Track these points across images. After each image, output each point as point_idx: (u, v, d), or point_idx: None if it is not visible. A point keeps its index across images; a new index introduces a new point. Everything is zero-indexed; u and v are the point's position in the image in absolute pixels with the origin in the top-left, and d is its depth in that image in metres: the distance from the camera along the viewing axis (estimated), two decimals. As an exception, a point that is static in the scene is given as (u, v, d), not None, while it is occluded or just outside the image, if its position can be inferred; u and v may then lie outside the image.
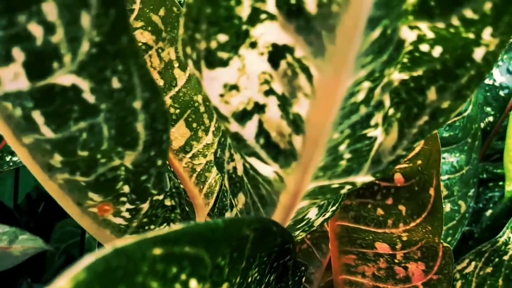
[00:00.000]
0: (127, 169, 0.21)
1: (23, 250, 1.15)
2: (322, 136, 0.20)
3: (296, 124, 0.21)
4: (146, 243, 0.13)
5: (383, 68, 0.18)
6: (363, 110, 0.20)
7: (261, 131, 0.21)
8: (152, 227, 0.29)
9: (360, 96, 0.19)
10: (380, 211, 0.32)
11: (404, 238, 0.33)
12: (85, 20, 0.15)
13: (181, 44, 0.19)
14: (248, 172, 0.26)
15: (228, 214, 0.34)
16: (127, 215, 0.26)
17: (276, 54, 0.19)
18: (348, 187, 0.24)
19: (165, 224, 0.29)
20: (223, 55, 0.19)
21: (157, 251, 0.14)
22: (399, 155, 0.22)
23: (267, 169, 0.23)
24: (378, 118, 0.20)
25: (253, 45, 0.19)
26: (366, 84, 0.19)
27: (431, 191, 0.29)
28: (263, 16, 0.18)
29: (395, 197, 0.31)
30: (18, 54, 0.17)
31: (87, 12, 0.15)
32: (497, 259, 0.47)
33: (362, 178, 0.23)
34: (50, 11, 0.16)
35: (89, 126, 0.19)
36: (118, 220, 0.27)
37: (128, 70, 0.17)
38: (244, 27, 0.18)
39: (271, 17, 0.18)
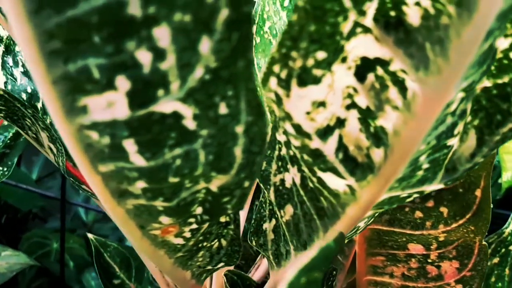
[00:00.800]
0: (210, 192, 0.20)
1: (8, 266, 1.10)
2: (412, 148, 0.19)
3: (378, 137, 0.20)
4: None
5: (480, 78, 0.18)
6: (449, 120, 0.19)
7: (340, 146, 0.21)
8: (205, 244, 0.28)
9: (453, 107, 0.19)
10: (418, 214, 0.32)
11: (441, 239, 0.32)
12: (205, 45, 0.14)
13: (269, 62, 0.18)
14: (306, 185, 0.25)
15: (266, 225, 0.33)
16: (188, 235, 0.25)
17: (365, 67, 0.19)
18: (415, 195, 0.23)
19: (216, 240, 0.28)
20: (318, 72, 0.18)
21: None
22: (476, 163, 0.21)
23: (339, 182, 0.22)
24: (460, 127, 0.20)
25: (344, 59, 0.18)
26: (460, 95, 0.18)
27: (477, 193, 0.29)
28: (358, 29, 0.17)
29: (436, 199, 0.31)
30: (122, 82, 0.16)
31: (209, 37, 0.14)
32: (503, 250, 0.48)
33: (434, 187, 0.22)
34: (162, 36, 0.15)
35: (185, 152, 0.18)
36: (177, 241, 0.26)
37: (238, 95, 0.16)
38: (342, 42, 0.17)
39: (366, 30, 0.18)
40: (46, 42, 0.15)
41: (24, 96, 0.37)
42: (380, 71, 0.18)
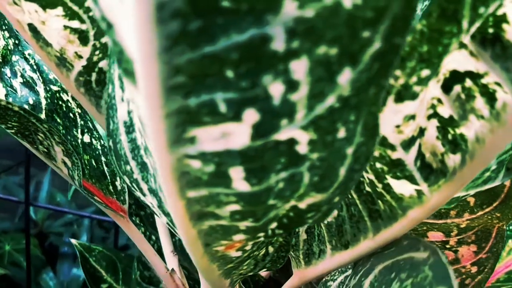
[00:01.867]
0: (296, 209, 0.20)
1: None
2: (494, 154, 0.20)
3: (456, 143, 0.21)
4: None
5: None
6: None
7: (419, 154, 0.21)
8: (255, 253, 0.28)
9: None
10: (443, 204, 0.33)
11: (463, 226, 0.34)
12: (344, 77, 0.14)
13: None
14: (361, 189, 0.26)
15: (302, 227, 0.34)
16: (248, 247, 0.25)
17: (453, 79, 0.19)
18: (471, 194, 0.24)
19: (264, 248, 0.28)
20: (417, 88, 0.18)
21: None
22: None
23: (409, 188, 0.23)
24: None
25: (437, 74, 0.19)
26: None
27: (507, 182, 0.31)
28: (455, 46, 0.18)
29: (463, 190, 0.32)
30: (251, 115, 0.15)
31: (351, 69, 0.14)
32: None
33: (492, 185, 0.24)
34: (299, 69, 0.15)
35: (290, 175, 0.18)
36: (236, 254, 0.26)
37: (359, 119, 0.16)
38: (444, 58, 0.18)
39: (461, 46, 0.18)
40: (171, 77, 0.15)
41: (26, 108, 0.35)
42: (468, 83, 0.19)
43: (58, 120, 0.36)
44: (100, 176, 0.39)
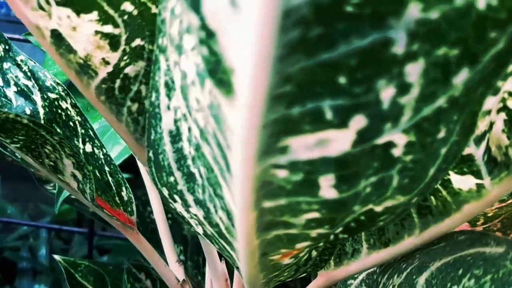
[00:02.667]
0: (371, 212, 0.21)
1: None
2: None
3: (522, 136, 0.22)
4: None
5: None
6: None
7: (487, 148, 0.22)
8: (301, 258, 0.28)
9: None
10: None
11: (490, 214, 0.35)
12: (461, 77, 0.15)
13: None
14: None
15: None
16: (302, 254, 0.26)
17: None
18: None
19: (308, 253, 0.29)
20: (500, 83, 0.19)
21: None
22: None
23: (471, 182, 0.24)
24: None
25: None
26: None
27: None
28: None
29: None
30: (358, 121, 0.16)
31: (469, 69, 0.15)
32: None
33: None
34: (413, 71, 0.15)
35: (379, 180, 0.18)
36: (289, 261, 0.26)
37: (459, 118, 0.16)
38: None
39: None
40: (279, 87, 0.15)
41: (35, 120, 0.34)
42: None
43: (58, 129, 0.35)
44: (105, 187, 0.38)
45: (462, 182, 0.24)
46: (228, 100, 0.16)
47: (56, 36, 0.24)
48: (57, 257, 0.58)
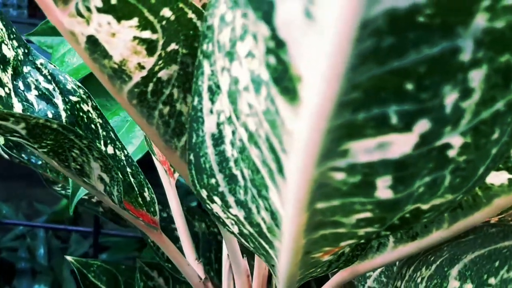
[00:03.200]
0: (417, 210, 0.21)
1: None
2: None
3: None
4: None
5: None
6: None
7: (524, 145, 0.23)
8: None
9: None
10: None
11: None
12: (522, 81, 0.16)
13: None
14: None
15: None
16: (341, 251, 0.26)
17: None
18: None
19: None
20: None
21: None
22: None
23: (503, 177, 0.25)
24: None
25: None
26: None
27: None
28: None
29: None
30: (422, 125, 0.16)
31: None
32: None
33: None
34: (476, 77, 0.16)
35: (432, 180, 0.19)
36: (328, 258, 0.27)
37: (513, 120, 0.17)
38: None
39: None
40: (347, 94, 0.15)
41: (65, 124, 0.34)
42: None
43: (80, 132, 0.36)
44: (128, 188, 0.38)
45: (495, 177, 0.24)
46: (291, 107, 0.17)
47: (93, 41, 0.25)
48: (69, 258, 0.58)
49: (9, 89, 0.34)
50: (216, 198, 0.26)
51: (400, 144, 0.17)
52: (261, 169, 0.22)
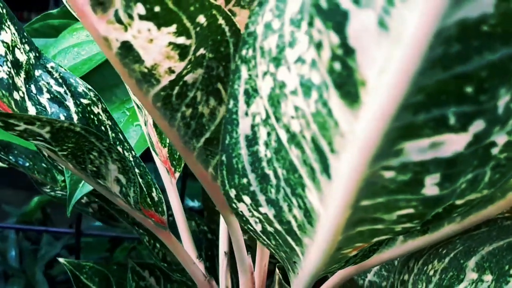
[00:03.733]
0: (452, 206, 0.22)
1: None
2: None
3: None
4: None
5: None
6: None
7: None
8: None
9: None
10: None
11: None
12: None
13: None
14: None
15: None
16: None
17: None
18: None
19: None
20: None
21: None
22: None
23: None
24: None
25: None
26: None
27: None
28: None
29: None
30: (477, 125, 0.17)
31: None
32: None
33: None
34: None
35: (474, 176, 0.20)
36: (355, 253, 0.27)
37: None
38: None
39: None
40: (411, 97, 0.16)
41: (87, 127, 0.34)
42: None
43: (101, 135, 0.36)
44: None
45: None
46: (350, 110, 0.18)
47: (127, 47, 0.25)
48: (61, 260, 0.58)
49: (23, 93, 0.34)
50: (245, 197, 0.27)
51: (454, 143, 0.18)
52: (300, 169, 0.23)
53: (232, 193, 0.27)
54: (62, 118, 0.36)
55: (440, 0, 0.14)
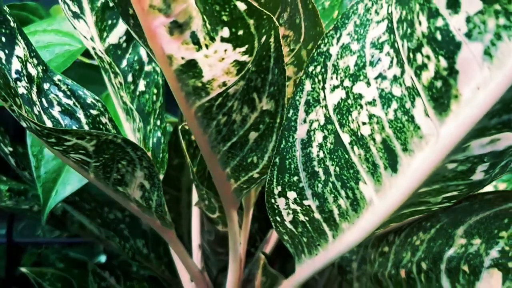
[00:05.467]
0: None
1: None
2: None
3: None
4: None
5: None
6: None
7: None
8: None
9: None
10: None
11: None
12: None
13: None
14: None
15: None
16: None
17: None
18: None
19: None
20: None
21: None
22: None
23: None
24: None
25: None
26: None
27: None
28: None
29: None
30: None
31: None
32: None
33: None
34: None
35: (506, 163, 0.25)
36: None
37: None
38: None
39: None
40: (494, 107, 0.21)
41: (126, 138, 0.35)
42: None
43: (137, 145, 0.37)
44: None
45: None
46: (437, 117, 0.22)
47: (191, 65, 0.27)
48: (23, 269, 0.56)
49: (39, 107, 0.34)
50: (290, 193, 0.30)
51: (508, 139, 0.23)
52: (358, 166, 0.27)
53: (277, 190, 0.30)
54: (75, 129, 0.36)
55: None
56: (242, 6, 0.23)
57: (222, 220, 0.48)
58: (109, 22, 0.48)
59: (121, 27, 0.48)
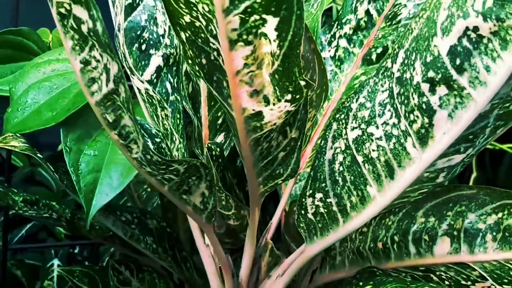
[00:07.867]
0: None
1: None
2: None
3: None
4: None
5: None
6: None
7: None
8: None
9: None
10: None
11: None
12: None
13: None
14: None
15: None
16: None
17: None
18: None
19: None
20: None
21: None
22: None
23: None
24: None
25: None
26: None
27: None
28: None
29: None
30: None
31: None
32: None
33: None
34: None
35: (453, 167, 0.44)
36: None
37: None
38: None
39: None
40: (454, 144, 0.39)
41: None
42: None
43: (212, 165, 0.52)
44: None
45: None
46: (420, 147, 0.40)
47: (257, 114, 0.43)
48: (58, 269, 0.70)
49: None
50: (318, 194, 0.47)
51: (458, 159, 0.41)
52: (367, 176, 0.44)
53: (309, 192, 0.47)
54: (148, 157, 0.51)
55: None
56: (302, 83, 0.40)
57: (236, 216, 0.65)
58: (143, 62, 0.63)
59: (152, 66, 0.63)
